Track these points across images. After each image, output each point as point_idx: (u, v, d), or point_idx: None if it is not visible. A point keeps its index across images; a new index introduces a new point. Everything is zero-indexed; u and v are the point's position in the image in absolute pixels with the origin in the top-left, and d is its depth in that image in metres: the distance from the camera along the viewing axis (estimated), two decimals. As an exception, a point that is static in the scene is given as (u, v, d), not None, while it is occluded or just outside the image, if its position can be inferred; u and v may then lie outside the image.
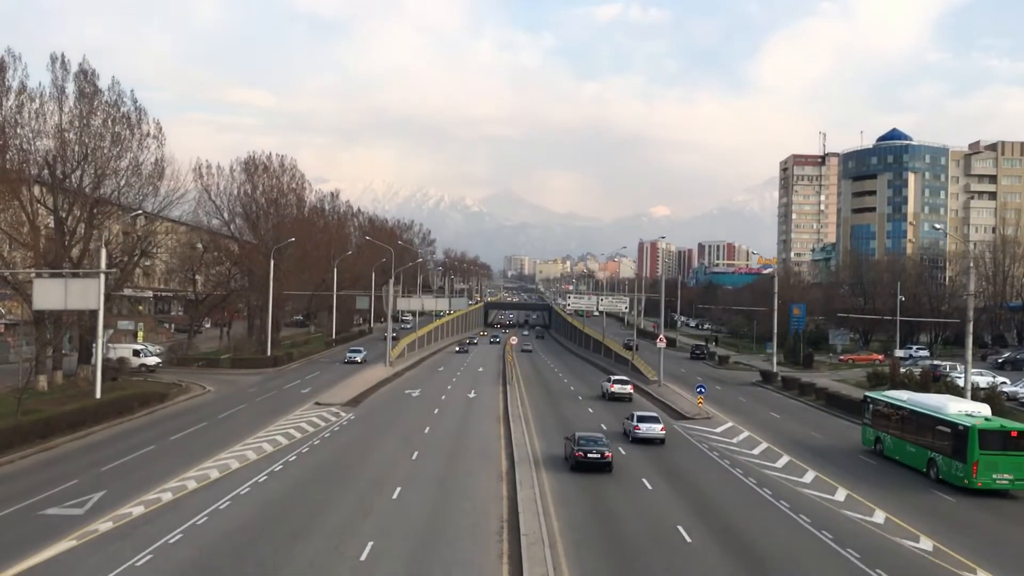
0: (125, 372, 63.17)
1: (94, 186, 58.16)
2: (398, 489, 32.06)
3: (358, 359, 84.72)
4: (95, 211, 59.01)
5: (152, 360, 70.16)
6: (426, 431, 46.52)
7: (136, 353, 69.92)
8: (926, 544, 26.92)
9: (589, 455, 37.16)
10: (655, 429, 45.43)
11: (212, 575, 22.04)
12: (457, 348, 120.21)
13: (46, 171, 57.22)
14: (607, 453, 37.46)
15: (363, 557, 23.70)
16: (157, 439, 41.76)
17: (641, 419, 46.30)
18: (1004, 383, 61.62)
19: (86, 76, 56.54)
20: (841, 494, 33.78)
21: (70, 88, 56.18)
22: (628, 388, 65.48)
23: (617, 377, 69.58)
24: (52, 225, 59.00)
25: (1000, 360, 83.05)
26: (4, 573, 21.74)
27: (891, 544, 26.88)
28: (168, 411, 51.72)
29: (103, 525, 26.20)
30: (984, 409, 38.78)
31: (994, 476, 34.71)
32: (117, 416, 46.87)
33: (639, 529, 27.88)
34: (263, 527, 26.58)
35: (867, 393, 49.04)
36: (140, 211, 62.23)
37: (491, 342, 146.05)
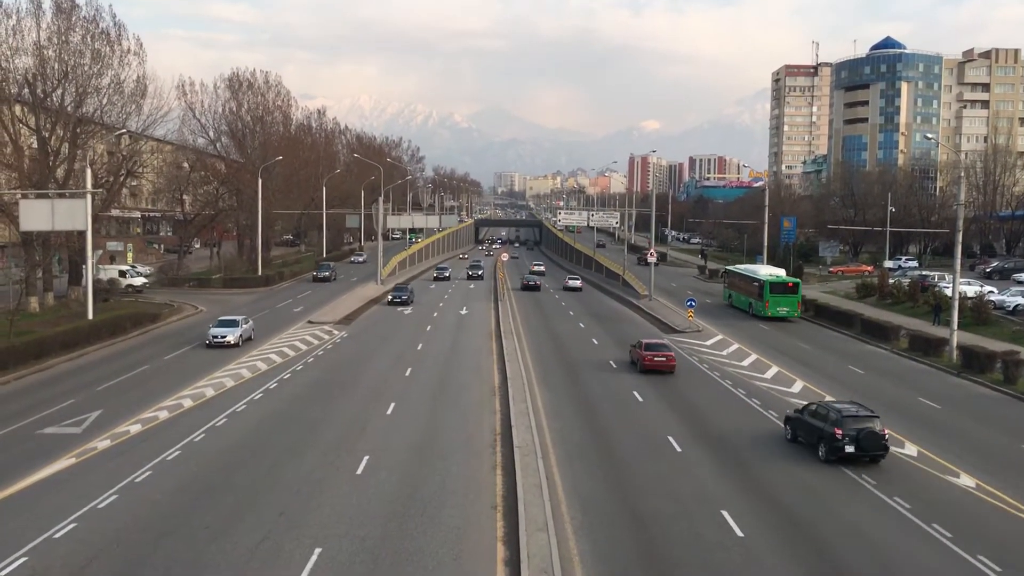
0: (116, 293, 63.14)
1: (76, 105, 57.17)
2: (392, 405, 32.47)
3: (230, 339, 45.39)
4: (78, 130, 58.10)
5: (138, 280, 69.85)
6: (419, 348, 46.85)
7: (122, 274, 69.58)
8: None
9: (529, 283, 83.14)
10: (576, 283, 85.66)
11: (211, 490, 22.39)
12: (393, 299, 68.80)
13: (26, 90, 56.13)
14: (538, 282, 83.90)
15: (359, 471, 24.10)
16: (151, 359, 42.02)
17: (569, 277, 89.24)
18: (991, 292, 62.09)
19: (62, -9, 55.10)
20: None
21: (47, 4, 54.99)
22: (542, 267, 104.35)
23: (536, 262, 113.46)
24: (35, 145, 58.13)
25: (988, 269, 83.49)
26: (7, 490, 22.08)
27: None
28: (161, 331, 51.88)
29: (101, 443, 26.53)
30: (781, 272, 65.89)
31: (778, 309, 59.62)
32: (110, 336, 47.05)
33: (632, 443, 28.38)
34: (260, 443, 26.96)
35: (725, 267, 76.53)
36: (124, 130, 61.24)
37: (469, 274, 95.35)
